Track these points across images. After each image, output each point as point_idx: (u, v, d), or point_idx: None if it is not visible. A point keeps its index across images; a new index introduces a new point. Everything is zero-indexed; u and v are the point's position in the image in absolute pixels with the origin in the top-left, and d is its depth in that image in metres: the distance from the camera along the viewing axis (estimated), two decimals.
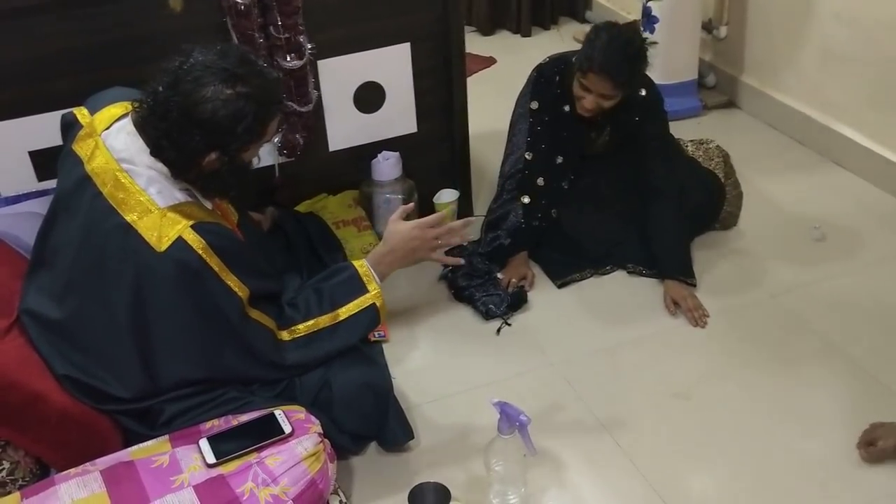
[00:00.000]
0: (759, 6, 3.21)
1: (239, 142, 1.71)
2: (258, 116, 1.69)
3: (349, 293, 1.93)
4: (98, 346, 1.75)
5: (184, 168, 1.73)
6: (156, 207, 1.70)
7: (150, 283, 1.70)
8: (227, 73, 1.65)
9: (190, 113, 1.64)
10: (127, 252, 1.69)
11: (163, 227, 1.69)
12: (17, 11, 2.01)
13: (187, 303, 1.72)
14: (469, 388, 2.14)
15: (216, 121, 1.65)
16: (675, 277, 2.43)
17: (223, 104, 1.64)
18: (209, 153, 1.70)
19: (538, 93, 2.52)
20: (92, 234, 1.74)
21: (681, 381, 2.14)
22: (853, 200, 2.82)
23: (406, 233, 2.01)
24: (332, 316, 1.90)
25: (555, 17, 4.25)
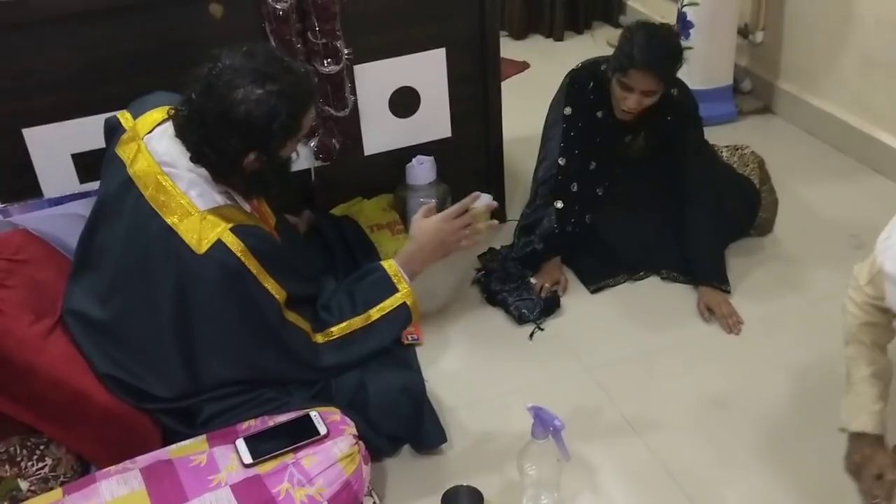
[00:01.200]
0: (797, 11, 3.18)
1: (276, 139, 1.74)
2: (291, 112, 1.72)
3: (380, 294, 1.95)
4: (141, 346, 1.78)
5: (225, 170, 1.77)
6: (196, 210, 1.73)
7: (191, 285, 1.73)
8: (256, 74, 1.68)
9: (225, 117, 1.68)
10: (169, 254, 1.73)
11: (203, 229, 1.72)
12: (64, 17, 2.05)
13: (227, 304, 1.75)
14: (502, 392, 2.15)
15: (251, 121, 1.68)
16: (710, 283, 2.41)
17: (256, 104, 1.68)
18: (248, 154, 1.74)
19: (571, 98, 2.52)
20: (135, 236, 1.78)
21: (716, 389, 2.13)
22: (893, 207, 2.78)
23: (431, 227, 2.04)
24: (364, 317, 1.92)
25: (588, 21, 4.25)
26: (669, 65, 2.32)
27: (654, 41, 2.28)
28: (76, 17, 2.07)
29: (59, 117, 2.16)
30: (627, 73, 2.30)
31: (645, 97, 2.33)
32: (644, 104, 2.34)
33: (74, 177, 2.25)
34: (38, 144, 2.17)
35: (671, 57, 2.32)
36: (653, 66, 2.27)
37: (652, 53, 2.26)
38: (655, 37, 2.29)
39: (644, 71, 2.27)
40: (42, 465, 1.68)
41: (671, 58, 2.32)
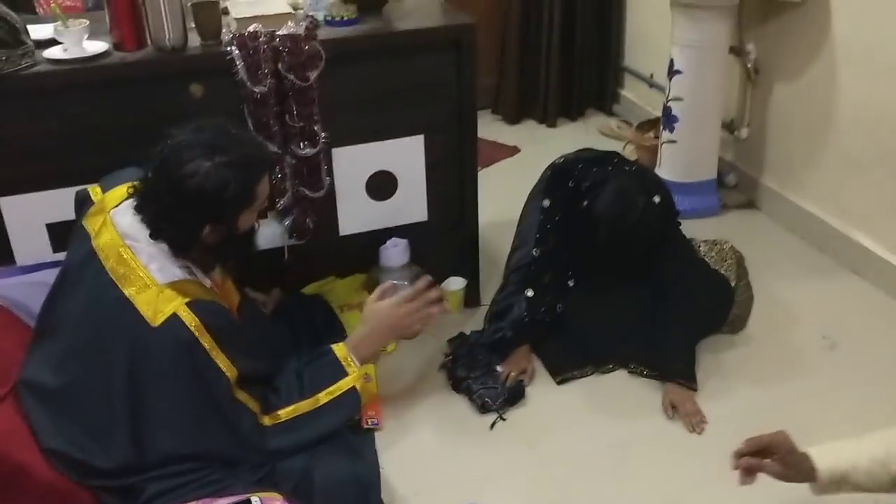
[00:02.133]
0: (780, 109, 3.23)
1: (229, 210, 1.78)
2: (243, 182, 1.76)
3: (329, 377, 1.96)
4: (89, 414, 1.79)
5: (185, 244, 1.81)
6: (154, 283, 1.76)
7: (144, 357, 1.75)
8: (205, 147, 1.74)
9: (178, 191, 1.73)
10: (124, 325, 1.75)
11: (159, 302, 1.74)
12: (45, 90, 2.12)
13: (178, 377, 1.76)
14: (457, 482, 2.12)
15: (202, 194, 1.73)
16: (676, 381, 2.40)
17: (205, 176, 1.72)
18: (205, 226, 1.77)
19: (551, 191, 2.55)
20: (93, 306, 1.81)
21: (672, 488, 2.11)
22: (867, 310, 2.78)
23: (383, 311, 2.05)
24: (312, 401, 1.93)
25: (582, 109, 4.31)
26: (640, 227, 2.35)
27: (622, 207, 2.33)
28: (57, 91, 2.13)
29: (36, 187, 2.20)
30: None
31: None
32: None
33: (48, 246, 2.28)
34: (14, 213, 2.21)
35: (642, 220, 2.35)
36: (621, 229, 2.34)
37: (619, 223, 2.33)
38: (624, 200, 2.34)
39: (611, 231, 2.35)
40: None
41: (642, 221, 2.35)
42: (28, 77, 2.09)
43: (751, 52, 3.22)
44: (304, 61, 2.23)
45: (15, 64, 2.06)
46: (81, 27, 2.14)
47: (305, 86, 2.25)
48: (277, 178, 2.35)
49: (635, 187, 2.37)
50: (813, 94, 3.03)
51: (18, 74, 2.07)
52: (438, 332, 2.62)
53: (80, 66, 2.12)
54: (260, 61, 2.19)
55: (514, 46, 4.14)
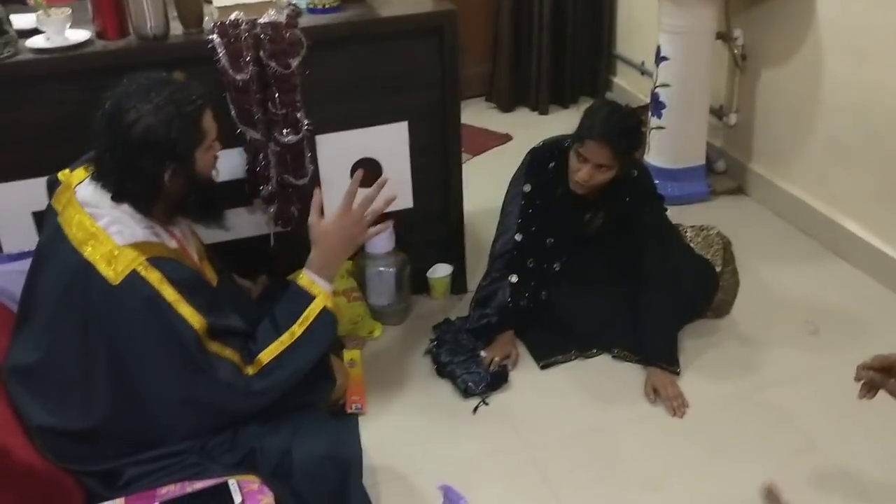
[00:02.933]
0: (768, 95, 3.23)
1: (183, 146, 1.78)
2: (186, 116, 1.77)
3: (297, 308, 1.94)
4: (69, 381, 1.80)
5: (149, 195, 1.81)
6: (114, 245, 1.77)
7: (109, 316, 1.75)
8: (140, 92, 1.76)
9: (128, 141, 1.74)
10: (86, 288, 1.76)
11: (118, 262, 1.75)
12: (27, 78, 2.13)
13: (147, 333, 1.76)
14: (438, 465, 2.14)
15: (151, 135, 1.74)
16: (658, 365, 2.42)
17: (149, 117, 1.74)
18: (164, 170, 1.78)
19: (532, 175, 2.56)
20: (59, 276, 1.82)
21: (652, 472, 2.12)
22: (852, 294, 2.79)
23: (331, 227, 2.02)
24: (288, 335, 1.91)
25: (574, 96, 4.32)
26: (625, 140, 2.36)
27: (613, 117, 2.34)
28: (41, 81, 2.15)
29: (21, 176, 2.22)
30: (584, 144, 2.35)
31: (598, 171, 2.36)
32: (596, 179, 2.37)
33: (34, 234, 2.29)
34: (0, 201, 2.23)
35: (628, 133, 2.37)
36: (610, 139, 2.32)
37: (609, 127, 2.32)
38: (616, 113, 2.36)
39: (601, 142, 2.32)
40: None
41: (627, 134, 2.37)
42: (10, 66, 2.10)
43: (738, 37, 3.22)
44: (285, 48, 2.24)
45: None
46: (64, 16, 2.15)
47: (287, 73, 2.26)
48: (261, 166, 2.36)
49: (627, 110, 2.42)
50: (800, 80, 3.03)
51: (1, 64, 2.09)
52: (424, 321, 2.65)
53: (62, 54, 2.14)
54: (241, 49, 2.20)
55: (506, 35, 4.15)
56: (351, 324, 2.58)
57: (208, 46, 2.20)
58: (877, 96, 2.72)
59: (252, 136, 2.32)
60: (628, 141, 2.38)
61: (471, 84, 4.23)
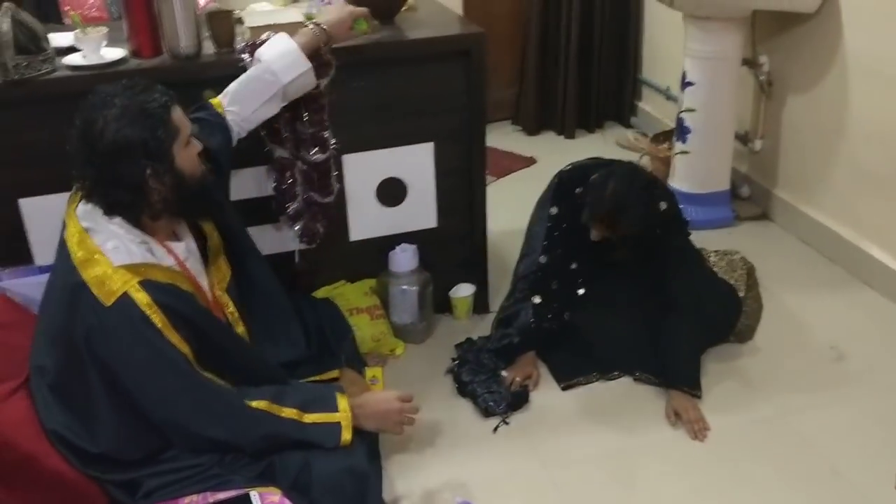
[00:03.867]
0: (794, 122, 3.23)
1: (155, 143, 1.78)
2: (153, 114, 1.79)
3: (321, 405, 1.95)
4: (74, 399, 1.83)
5: (138, 203, 1.82)
6: (109, 266, 1.79)
7: (102, 339, 1.77)
8: (100, 100, 1.78)
9: (101, 151, 1.76)
10: (81, 309, 1.78)
11: (111, 283, 1.77)
12: (61, 96, 2.17)
13: (137, 353, 1.78)
14: (459, 484, 2.15)
15: (122, 137, 1.75)
16: (680, 388, 2.41)
17: (115, 122, 1.75)
18: (145, 173, 1.79)
19: (558, 199, 2.58)
20: (62, 293, 1.85)
21: (672, 496, 2.12)
22: (878, 322, 2.77)
23: (382, 396, 2.08)
24: (297, 413, 1.91)
25: (600, 121, 4.35)
26: (631, 225, 2.36)
27: (620, 202, 2.32)
28: (75, 96, 2.18)
29: (54, 189, 2.26)
30: (592, 218, 2.38)
31: (608, 235, 2.39)
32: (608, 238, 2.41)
33: None
34: (33, 214, 2.28)
35: (634, 220, 2.35)
36: (613, 225, 2.36)
37: (610, 210, 2.33)
38: (624, 198, 2.32)
39: (600, 222, 2.37)
40: None
41: (634, 221, 2.35)
42: (48, 82, 2.16)
43: (764, 63, 3.24)
44: (315, 69, 2.28)
45: (35, 69, 2.13)
46: (100, 35, 2.21)
47: (316, 93, 2.30)
48: (288, 184, 2.40)
49: (635, 182, 2.37)
50: (826, 107, 3.04)
51: (38, 80, 2.15)
52: (446, 340, 2.68)
53: (98, 72, 2.19)
54: None
55: (533, 59, 4.19)
56: (373, 341, 2.60)
57: (239, 66, 2.24)
58: None
59: (280, 154, 2.36)
60: (632, 225, 2.36)
61: (498, 107, 4.27)
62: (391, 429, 2.06)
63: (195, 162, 1.91)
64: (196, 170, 1.91)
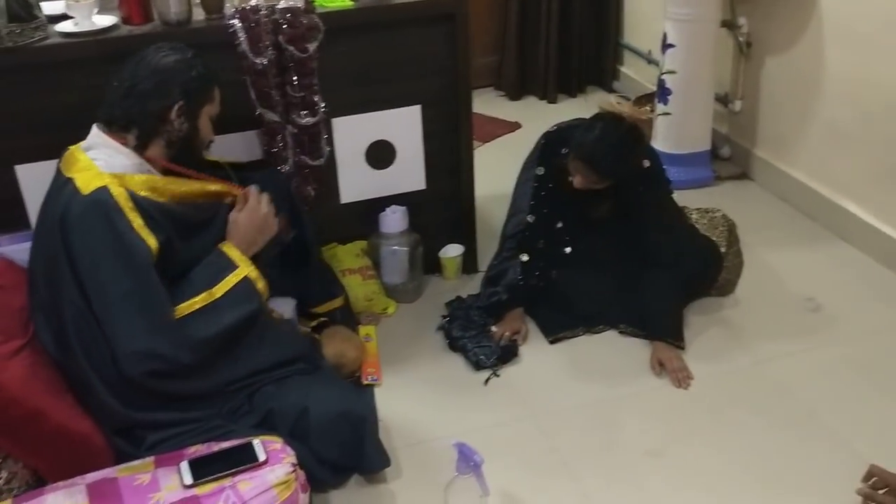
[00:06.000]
0: (771, 83, 3.30)
1: (197, 90, 1.98)
2: (206, 74, 2.01)
3: (221, 271, 2.02)
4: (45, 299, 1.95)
5: (152, 128, 1.97)
6: (96, 170, 1.92)
7: (72, 222, 1.87)
8: (170, 47, 2.01)
9: (154, 69, 1.95)
10: (61, 200, 1.90)
11: (95, 180, 1.89)
12: (55, 64, 2.23)
13: (101, 239, 1.87)
14: (451, 434, 2.20)
15: (176, 68, 1.97)
16: (664, 339, 2.49)
17: (177, 55, 1.99)
18: (176, 103, 1.96)
19: (545, 159, 2.63)
20: (48, 206, 1.97)
21: (656, 440, 2.20)
22: (853, 275, 2.87)
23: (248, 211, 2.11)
24: (207, 294, 1.97)
25: (582, 85, 4.40)
26: (615, 169, 2.41)
27: (606, 145, 2.36)
28: (70, 64, 2.24)
29: (50, 156, 2.28)
30: (575, 161, 2.42)
31: (590, 184, 2.44)
32: (591, 187, 2.45)
33: None
34: (29, 180, 2.31)
35: (619, 163, 2.41)
36: (598, 167, 2.40)
37: (601, 156, 2.38)
38: (609, 140, 2.37)
39: (588, 166, 2.41)
40: None
41: (618, 164, 2.41)
42: (41, 49, 2.19)
43: (743, 25, 3.30)
44: (303, 33, 2.32)
45: (28, 37, 2.16)
46: (91, 2, 2.24)
47: (305, 57, 2.35)
48: (279, 147, 2.45)
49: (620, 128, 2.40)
50: (802, 67, 3.11)
51: (32, 47, 2.18)
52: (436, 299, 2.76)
53: (89, 38, 2.23)
54: (261, 34, 2.29)
55: (514, 24, 4.24)
56: (366, 301, 2.67)
57: (229, 31, 2.28)
58: (873, 80, 2.80)
59: (270, 118, 2.40)
60: (617, 168, 2.41)
61: (480, 74, 4.29)
62: (275, 227, 2.15)
63: (210, 130, 2.08)
64: (207, 135, 2.08)
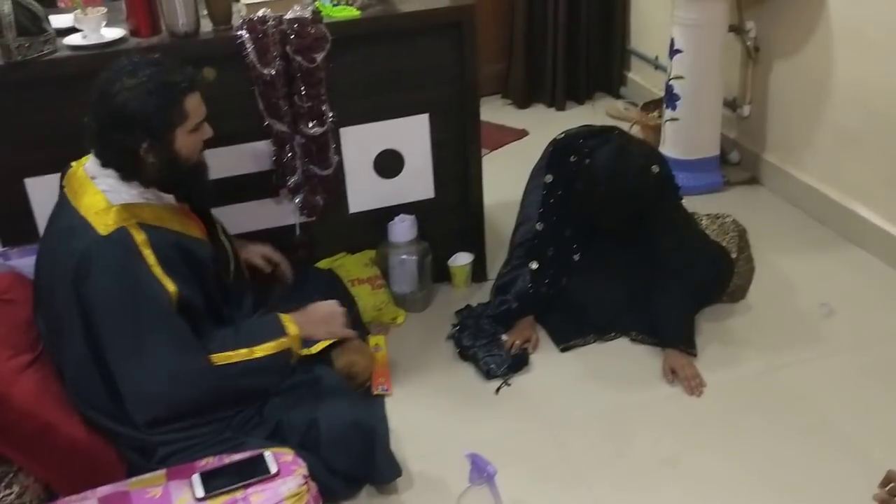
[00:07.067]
0: (779, 87, 3.29)
1: (158, 125, 1.87)
2: (167, 96, 1.87)
3: (268, 333, 2.03)
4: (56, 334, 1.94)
5: (129, 168, 1.92)
6: (107, 203, 1.90)
7: (88, 266, 1.86)
8: (129, 68, 1.87)
9: (109, 112, 1.86)
10: (74, 239, 1.88)
11: (109, 217, 1.88)
12: (63, 78, 2.23)
13: (120, 284, 1.87)
14: (463, 444, 2.19)
15: (130, 109, 1.85)
16: (676, 346, 2.48)
17: (130, 92, 1.85)
18: (140, 145, 1.88)
19: (553, 167, 2.63)
20: (56, 235, 1.95)
21: (670, 449, 2.19)
22: (866, 279, 2.85)
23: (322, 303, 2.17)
24: (247, 351, 1.98)
25: (590, 92, 4.39)
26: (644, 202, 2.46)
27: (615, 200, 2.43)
28: (79, 77, 2.22)
29: (59, 169, 2.28)
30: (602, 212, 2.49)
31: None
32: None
33: None
34: (39, 193, 2.32)
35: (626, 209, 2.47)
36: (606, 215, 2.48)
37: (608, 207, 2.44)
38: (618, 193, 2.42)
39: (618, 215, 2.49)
40: (9, 491, 1.78)
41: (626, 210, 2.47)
42: (50, 63, 2.20)
43: (750, 30, 3.29)
44: (310, 43, 2.32)
45: (37, 50, 2.17)
46: (99, 15, 2.25)
47: (312, 67, 2.35)
48: (287, 157, 2.45)
49: (634, 150, 2.46)
50: (811, 71, 3.09)
51: (41, 60, 2.19)
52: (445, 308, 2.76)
53: (98, 51, 2.24)
54: (269, 44, 2.29)
55: (521, 32, 4.23)
56: (375, 311, 2.66)
57: (237, 42, 2.29)
58: (882, 84, 2.78)
59: (279, 128, 2.40)
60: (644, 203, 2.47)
61: (487, 82, 4.29)
62: (339, 331, 2.14)
63: (197, 147, 2.00)
64: (193, 154, 1.99)
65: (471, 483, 1.76)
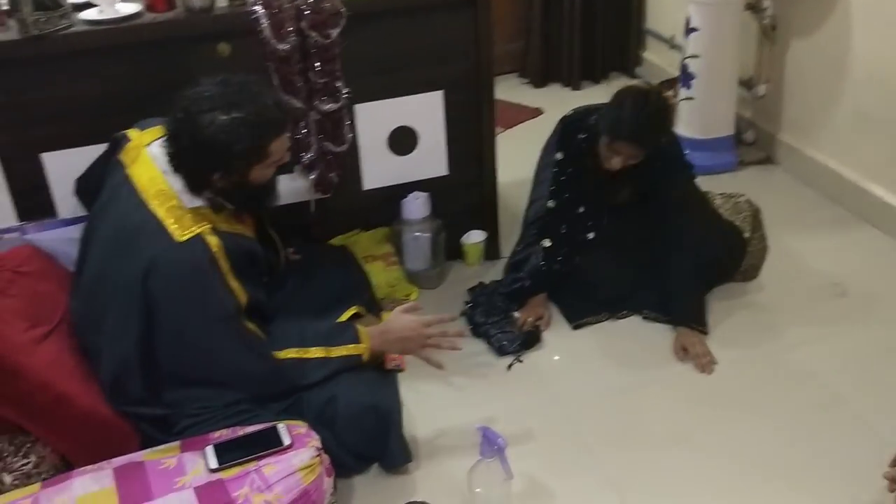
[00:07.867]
0: (795, 66, 3.27)
1: (238, 163, 1.88)
2: (255, 138, 1.86)
3: (344, 339, 2.06)
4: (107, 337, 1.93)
5: (196, 186, 1.93)
6: (182, 206, 1.90)
7: (162, 267, 1.85)
8: (224, 101, 1.84)
9: (193, 139, 1.85)
10: (148, 238, 1.88)
11: (185, 222, 1.88)
12: (83, 52, 2.23)
13: (191, 291, 1.88)
14: (474, 420, 2.20)
15: (214, 145, 1.84)
16: (687, 324, 2.48)
17: (219, 128, 1.83)
18: (213, 173, 1.89)
19: (563, 144, 2.62)
20: (122, 227, 1.94)
21: (681, 426, 2.19)
22: (881, 259, 2.83)
23: (406, 323, 2.12)
24: (324, 350, 2.02)
25: (605, 71, 4.37)
26: (656, 137, 2.43)
27: (643, 116, 2.36)
28: (94, 52, 2.25)
29: (76, 143, 2.32)
30: (615, 142, 2.40)
31: (631, 159, 2.44)
32: (628, 163, 2.45)
33: None
34: (55, 168, 2.34)
35: (658, 130, 2.43)
36: (640, 140, 2.39)
37: (640, 128, 2.37)
38: (644, 110, 2.37)
39: (631, 143, 2.39)
40: (26, 461, 1.81)
41: (658, 131, 2.43)
42: (66, 37, 2.21)
43: (767, 8, 3.26)
44: (325, 19, 2.32)
45: (53, 25, 2.18)
46: None
47: (327, 43, 2.35)
48: (302, 133, 2.45)
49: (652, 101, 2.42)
50: (828, 49, 3.07)
51: (57, 35, 2.19)
52: (458, 285, 2.75)
53: (114, 26, 2.24)
54: (284, 20, 2.29)
55: (537, 11, 4.21)
56: (388, 287, 2.67)
57: (252, 18, 2.28)
58: None
59: (294, 104, 2.41)
60: (657, 136, 2.44)
61: (504, 60, 4.29)
62: (415, 352, 2.14)
63: (268, 177, 2.00)
64: (263, 182, 2.00)
65: (481, 456, 1.77)
